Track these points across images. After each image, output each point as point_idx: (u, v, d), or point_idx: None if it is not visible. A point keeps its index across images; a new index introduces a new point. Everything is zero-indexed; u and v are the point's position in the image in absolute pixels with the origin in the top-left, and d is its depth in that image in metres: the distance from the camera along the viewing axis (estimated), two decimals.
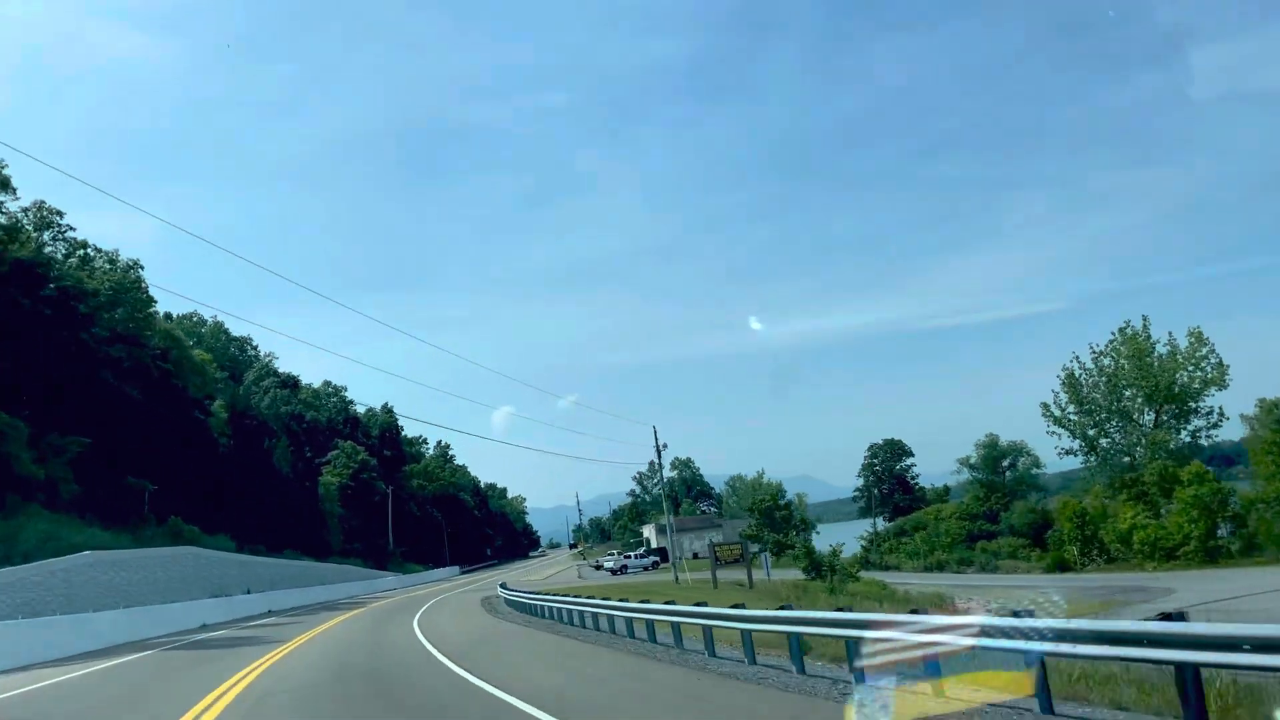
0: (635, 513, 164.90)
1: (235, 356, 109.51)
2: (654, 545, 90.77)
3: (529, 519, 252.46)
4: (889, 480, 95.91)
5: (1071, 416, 68.73)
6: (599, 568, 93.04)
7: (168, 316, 74.83)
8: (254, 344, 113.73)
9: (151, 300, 53.20)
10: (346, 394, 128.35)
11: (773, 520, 72.74)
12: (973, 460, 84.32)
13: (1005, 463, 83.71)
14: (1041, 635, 8.29)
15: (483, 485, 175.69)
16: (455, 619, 36.31)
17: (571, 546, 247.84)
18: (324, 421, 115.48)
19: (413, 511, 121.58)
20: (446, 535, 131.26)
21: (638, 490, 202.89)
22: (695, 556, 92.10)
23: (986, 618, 9.24)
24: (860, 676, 10.82)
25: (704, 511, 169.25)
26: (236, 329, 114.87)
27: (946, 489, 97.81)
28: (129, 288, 51.16)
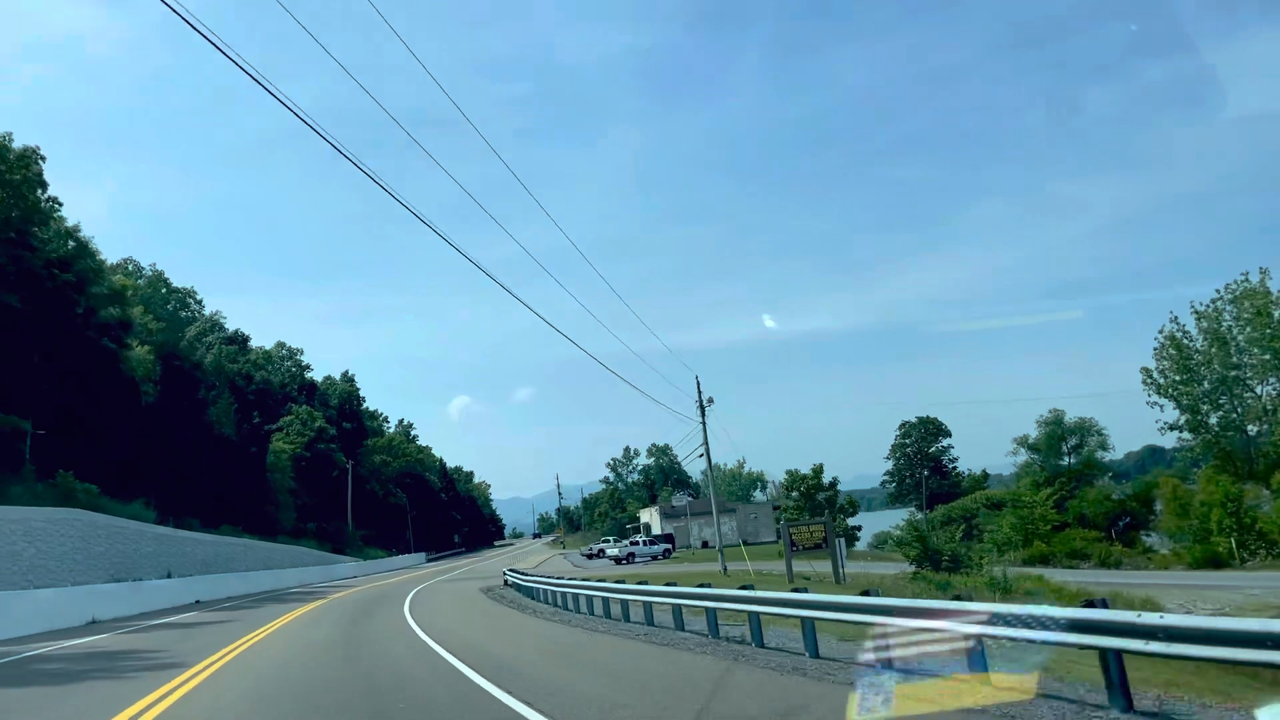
0: (616, 499, 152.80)
1: (175, 312, 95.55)
2: (660, 531, 78.58)
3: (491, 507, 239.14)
4: (923, 463, 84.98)
5: (1178, 385, 57.68)
6: (593, 556, 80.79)
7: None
8: (198, 298, 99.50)
9: (42, 183, 39.72)
10: (303, 357, 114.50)
11: (813, 503, 60.87)
12: (1032, 440, 73.58)
13: (1070, 443, 73.05)
14: None
15: (449, 467, 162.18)
16: (478, 621, 23.81)
17: (535, 536, 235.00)
18: (276, 386, 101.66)
19: (374, 491, 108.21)
20: (411, 519, 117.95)
21: (612, 478, 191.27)
22: (705, 545, 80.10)
23: None
24: None
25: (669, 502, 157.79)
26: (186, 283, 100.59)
27: (984, 474, 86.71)
28: (11, 166, 37.80)
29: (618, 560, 68.94)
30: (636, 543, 70.04)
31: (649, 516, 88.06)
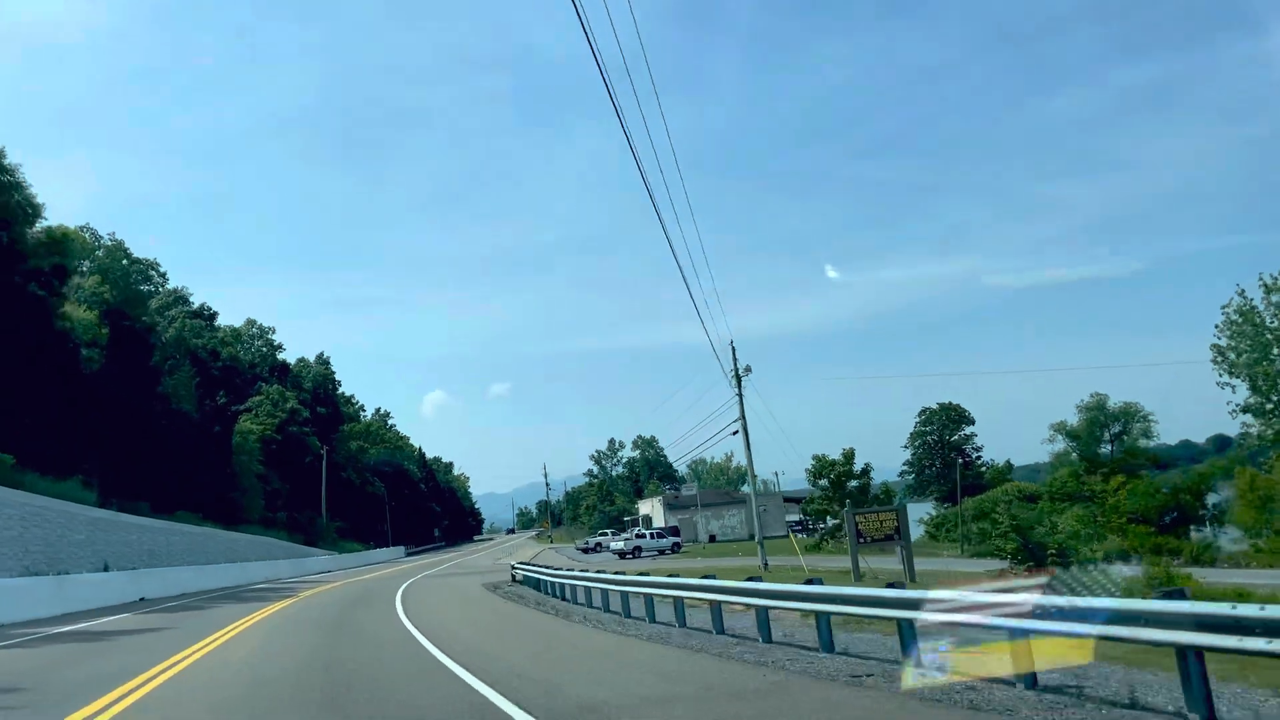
0: (604, 492, 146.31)
1: (135, 285, 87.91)
2: (663, 524, 72.07)
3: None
4: (945, 452, 79.01)
5: (1251, 364, 51.88)
6: (590, 550, 74.27)
7: None
8: (161, 270, 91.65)
9: None
10: (274, 337, 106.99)
11: (843, 492, 54.58)
12: (1072, 426, 67.83)
13: (1113, 430, 67.48)
14: None
15: (428, 457, 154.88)
16: (510, 632, 17.00)
17: (509, 531, 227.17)
18: (245, 364, 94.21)
19: (350, 479, 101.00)
20: (389, 510, 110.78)
21: (596, 470, 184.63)
22: (712, 540, 73.83)
23: None
24: None
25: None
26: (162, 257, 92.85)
27: (1008, 464, 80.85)
28: None
29: (622, 554, 62.51)
30: (643, 535, 63.58)
31: (649, 508, 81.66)
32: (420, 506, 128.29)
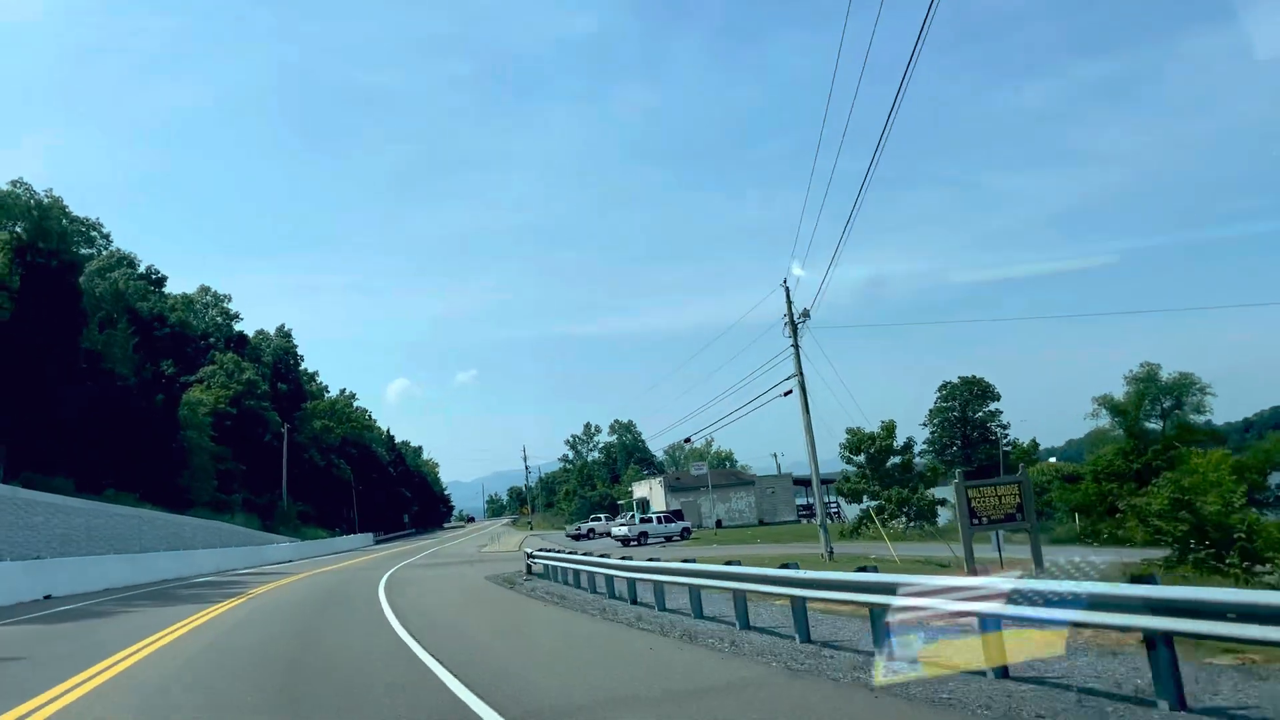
0: (584, 476, 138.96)
1: (73, 247, 79.12)
2: (665, 508, 64.80)
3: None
4: (965, 429, 72.35)
5: None
6: (582, 536, 67.00)
7: None
8: (104, 230, 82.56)
9: None
10: (230, 305, 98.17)
11: (883, 471, 47.75)
12: (1117, 400, 61.46)
13: (1164, 405, 61.50)
14: None
15: (397, 440, 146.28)
16: (591, 656, 9.12)
17: (469, 520, 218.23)
18: (197, 333, 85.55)
19: (314, 460, 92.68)
20: (355, 493, 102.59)
21: (571, 456, 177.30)
22: (719, 525, 66.77)
23: None
24: None
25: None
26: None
27: (1034, 444, 74.46)
28: None
29: (626, 540, 55.28)
30: (649, 519, 56.29)
31: (645, 491, 74.41)
32: (389, 491, 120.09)
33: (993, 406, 73.49)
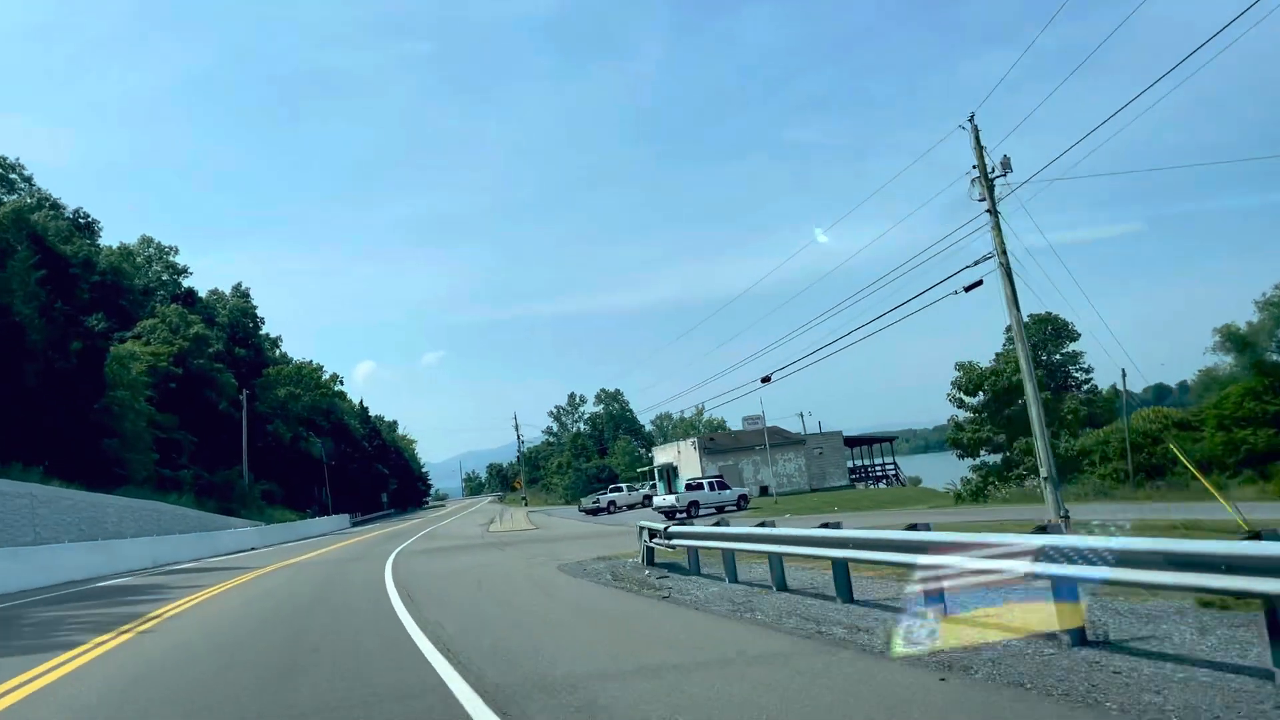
0: (579, 447, 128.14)
1: None
2: (702, 473, 54.09)
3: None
4: (1041, 374, 62.28)
5: None
6: (598, 510, 56.51)
7: None
8: (25, 173, 69.92)
9: None
10: (177, 258, 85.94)
11: (1002, 417, 37.40)
12: (1247, 332, 51.83)
13: None
14: None
15: (371, 413, 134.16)
16: None
17: (441, 498, 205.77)
18: (137, 288, 73.36)
19: (279, 434, 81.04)
20: (328, 470, 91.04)
21: (555, 428, 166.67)
22: (765, 491, 56.29)
23: None
24: None
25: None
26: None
27: (1115, 390, 64.29)
28: None
29: (671, 512, 44.66)
30: (698, 486, 45.59)
31: (674, 455, 63.66)
32: (365, 468, 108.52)
33: (1071, 348, 63.42)
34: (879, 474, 65.99)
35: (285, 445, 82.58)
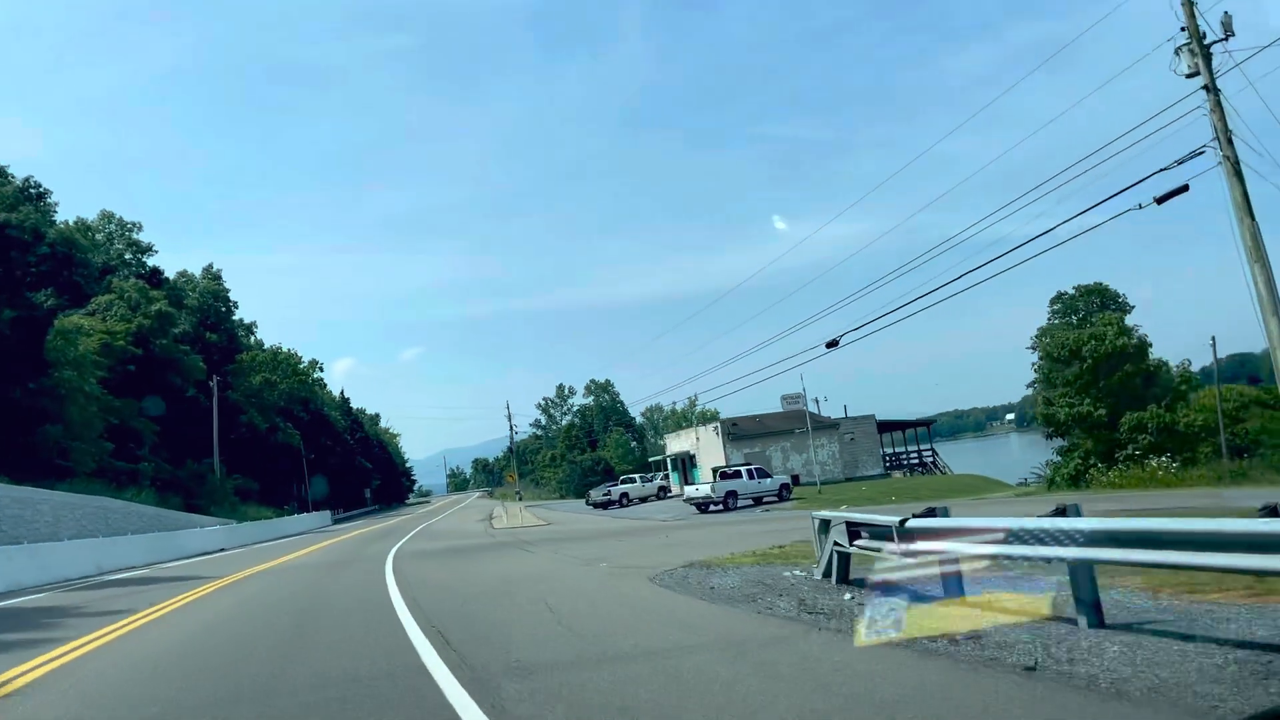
0: (572, 439, 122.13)
1: None
2: (725, 463, 48.31)
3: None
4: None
5: None
6: (609, 503, 50.86)
7: None
8: None
9: None
10: (140, 235, 79.31)
11: (1104, 385, 31.81)
12: None
13: None
14: None
15: (352, 405, 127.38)
16: None
17: (423, 496, 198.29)
18: (94, 264, 66.74)
19: (254, 424, 74.66)
20: (307, 463, 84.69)
21: (544, 420, 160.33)
22: (796, 482, 50.55)
23: None
24: None
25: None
26: None
27: (1188, 370, 58.44)
28: None
29: (704, 505, 38.91)
30: (734, 475, 39.80)
31: (690, 443, 57.70)
32: (347, 462, 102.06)
33: (1125, 321, 57.89)
34: (915, 461, 60.51)
35: (261, 436, 76.19)
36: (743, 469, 40.13)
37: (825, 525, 9.16)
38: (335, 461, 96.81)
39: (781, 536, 18.17)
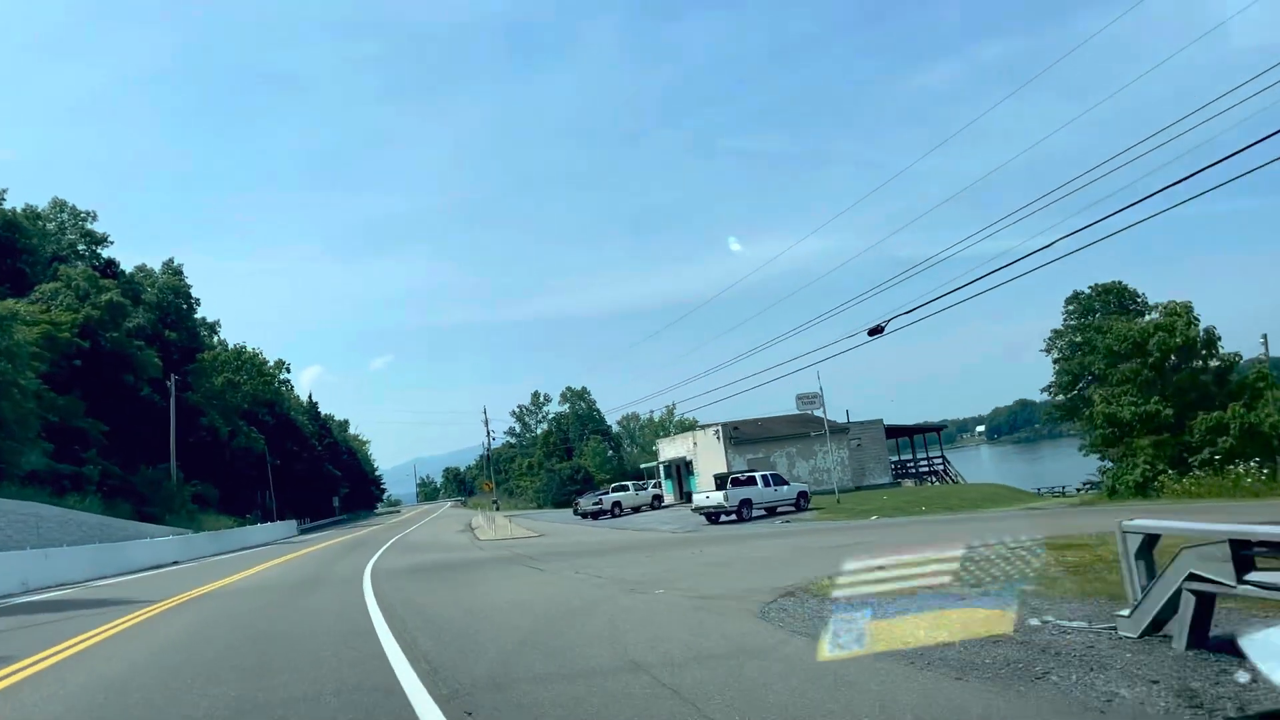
0: (551, 446, 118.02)
1: None
2: (727, 469, 44.58)
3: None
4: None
5: None
6: (598, 513, 47.07)
7: None
8: None
9: None
10: (95, 224, 74.45)
11: (1166, 382, 28.50)
12: None
13: None
14: None
15: (321, 410, 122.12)
16: None
17: (384, 506, 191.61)
18: (42, 253, 62.06)
19: (215, 427, 69.97)
20: (271, 470, 80.00)
21: (518, 428, 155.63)
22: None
23: None
24: None
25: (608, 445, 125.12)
26: None
27: (1265, 366, 54.25)
28: None
29: (714, 515, 35.20)
30: (747, 481, 36.04)
31: (687, 448, 53.74)
32: (314, 469, 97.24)
33: (1143, 321, 55.04)
34: (925, 469, 57.14)
35: (222, 441, 71.49)
36: (757, 475, 36.38)
37: (1150, 545, 5.54)
38: (302, 468, 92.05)
39: (848, 553, 14.45)
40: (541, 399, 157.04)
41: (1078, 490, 52.52)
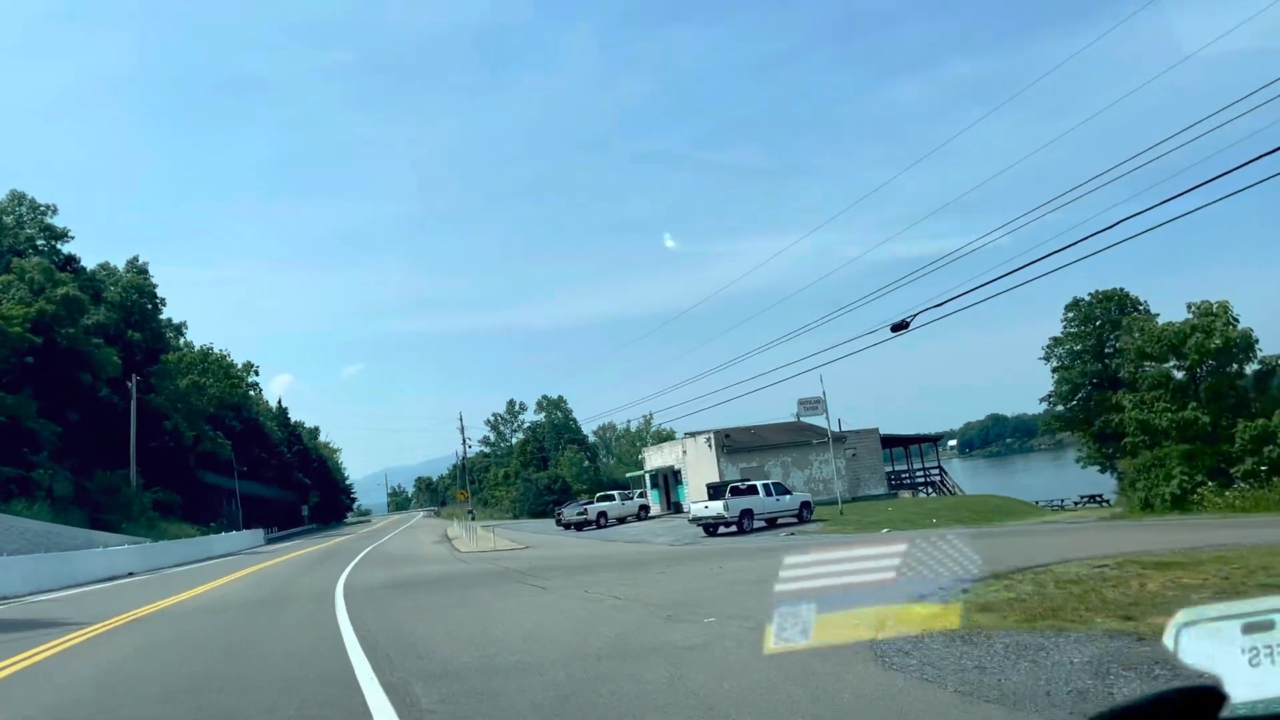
0: (528, 455, 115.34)
1: None
2: (720, 479, 42.34)
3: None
4: (1106, 361, 51.79)
5: None
6: (585, 524, 44.83)
7: None
8: None
9: None
10: (55, 219, 71.24)
11: (1197, 388, 26.64)
12: None
13: None
14: None
15: (290, 416, 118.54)
16: None
17: (355, 516, 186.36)
18: (2, 245, 58.96)
19: (178, 431, 66.89)
20: (238, 477, 76.76)
21: (492, 437, 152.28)
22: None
23: None
24: None
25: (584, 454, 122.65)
26: None
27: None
28: None
29: (713, 526, 33.01)
30: (748, 490, 33.82)
31: (676, 456, 51.29)
32: (283, 476, 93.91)
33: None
34: (922, 480, 55.24)
35: (186, 446, 68.38)
36: (758, 484, 34.18)
37: None
38: (270, 475, 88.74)
39: (898, 574, 12.26)
40: (517, 407, 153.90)
41: (1075, 504, 50.72)
